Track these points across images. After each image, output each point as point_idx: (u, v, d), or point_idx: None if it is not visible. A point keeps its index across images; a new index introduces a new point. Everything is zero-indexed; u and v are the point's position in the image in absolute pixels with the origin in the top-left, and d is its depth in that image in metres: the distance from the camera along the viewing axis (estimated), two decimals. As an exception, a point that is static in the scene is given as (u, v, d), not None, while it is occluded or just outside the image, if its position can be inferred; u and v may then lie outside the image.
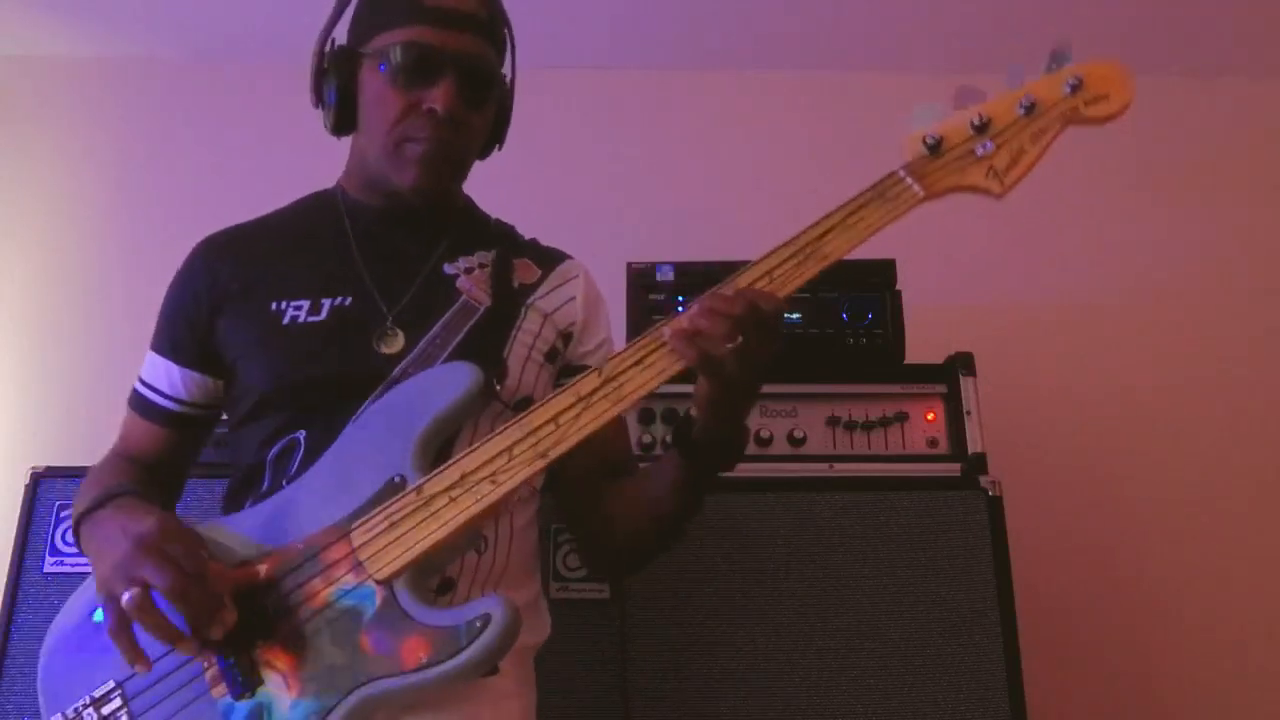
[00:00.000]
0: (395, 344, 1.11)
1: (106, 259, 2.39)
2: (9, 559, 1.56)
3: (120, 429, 1.28)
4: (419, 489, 0.98)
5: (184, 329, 1.22)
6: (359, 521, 0.98)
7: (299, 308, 1.15)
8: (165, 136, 2.50)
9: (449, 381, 1.03)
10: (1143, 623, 2.13)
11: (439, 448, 1.03)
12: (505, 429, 0.98)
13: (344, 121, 1.22)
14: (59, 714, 1.04)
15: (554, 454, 0.96)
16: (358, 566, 0.97)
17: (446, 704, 1.00)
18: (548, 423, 0.97)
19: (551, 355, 1.19)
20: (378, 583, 0.96)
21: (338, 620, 0.96)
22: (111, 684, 1.02)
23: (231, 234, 1.29)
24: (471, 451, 0.98)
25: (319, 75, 1.22)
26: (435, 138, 1.14)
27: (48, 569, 1.55)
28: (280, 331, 1.14)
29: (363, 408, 1.06)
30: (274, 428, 1.12)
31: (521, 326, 1.17)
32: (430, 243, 1.21)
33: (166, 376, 1.23)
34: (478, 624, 0.92)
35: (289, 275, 1.18)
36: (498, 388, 1.09)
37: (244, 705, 0.97)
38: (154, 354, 1.25)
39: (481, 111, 1.19)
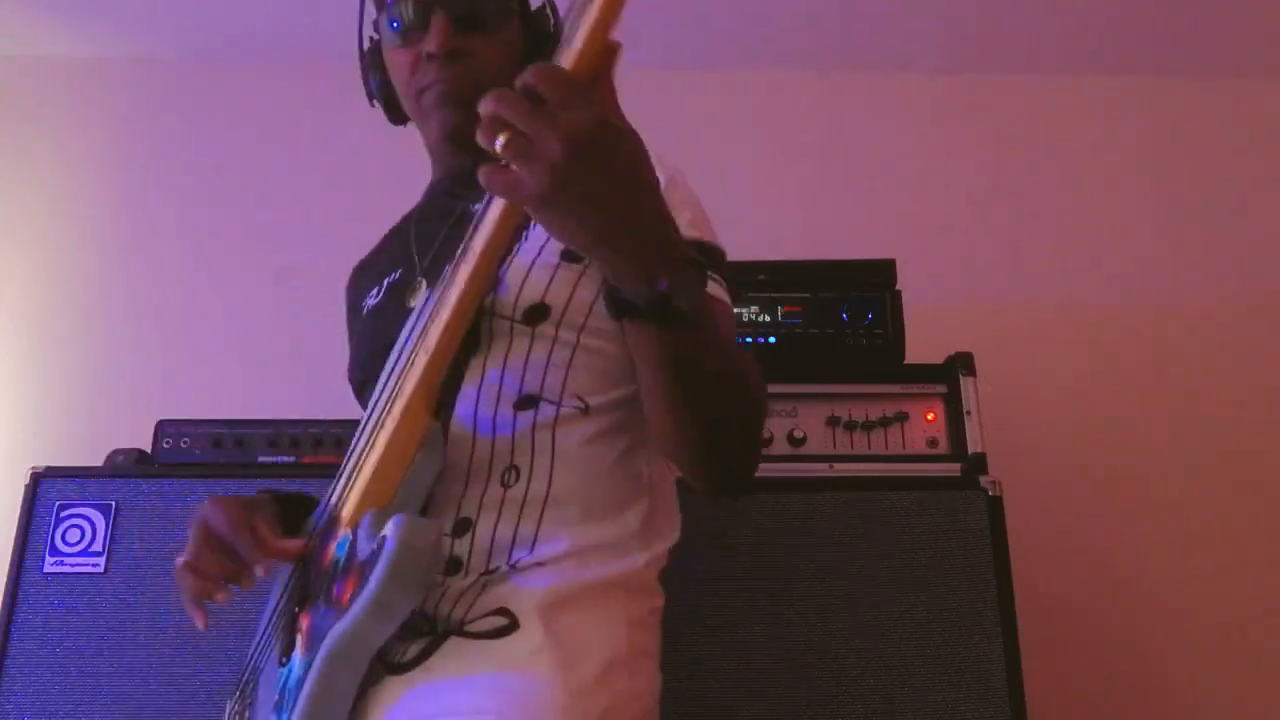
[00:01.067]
0: (419, 295, 1.11)
1: (106, 259, 2.39)
2: (9, 559, 1.56)
3: None
4: (369, 425, 0.96)
5: None
6: (346, 474, 0.99)
7: (372, 295, 1.19)
8: (165, 136, 2.50)
9: (424, 309, 1.00)
10: (1143, 622, 2.13)
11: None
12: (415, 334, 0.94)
13: (393, 107, 1.24)
14: (229, 700, 1.11)
15: (430, 340, 0.90)
16: (343, 518, 0.97)
17: (450, 674, 0.92)
18: (431, 317, 0.91)
19: (572, 254, 1.03)
20: (349, 528, 0.94)
21: (330, 574, 0.96)
22: (250, 670, 1.08)
23: (362, 258, 1.33)
24: (397, 372, 0.95)
25: (364, 74, 1.25)
26: (441, 78, 1.13)
27: (48, 569, 1.54)
28: (360, 322, 1.20)
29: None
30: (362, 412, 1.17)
31: (529, 235, 1.06)
32: (472, 191, 1.15)
33: None
34: (377, 548, 0.85)
35: (371, 271, 1.23)
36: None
37: (285, 670, 0.98)
38: None
39: (490, 34, 1.15)
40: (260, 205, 2.42)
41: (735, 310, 1.63)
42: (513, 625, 0.93)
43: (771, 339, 1.69)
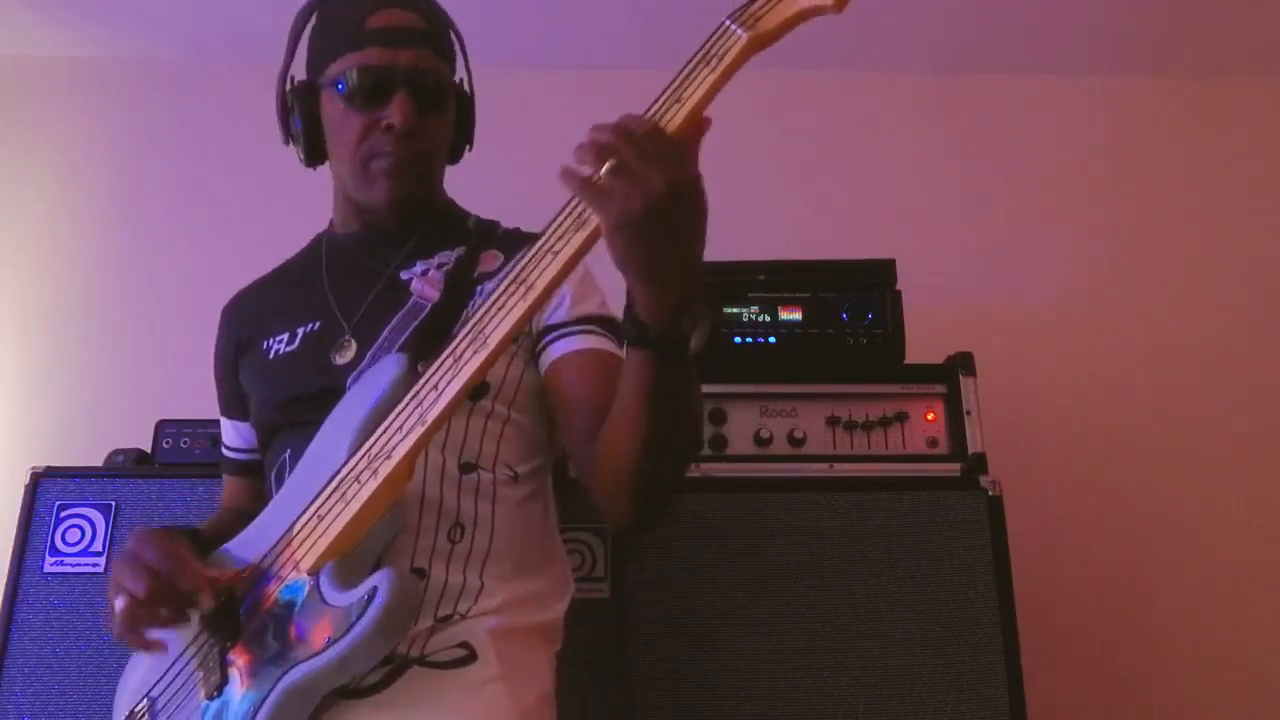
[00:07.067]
0: (348, 353, 1.16)
1: (106, 259, 2.39)
2: (9, 559, 1.56)
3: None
4: (338, 478, 1.00)
5: (224, 388, 1.35)
6: (301, 521, 1.02)
7: (280, 341, 1.23)
8: (165, 136, 2.50)
9: (380, 376, 1.06)
10: (1143, 622, 2.13)
11: None
12: (405, 401, 0.99)
13: (313, 151, 1.29)
14: None
15: (430, 414, 0.95)
16: (295, 563, 1.01)
17: (416, 699, 1.00)
18: (430, 391, 0.96)
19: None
20: (308, 574, 1.00)
21: (279, 614, 1.00)
22: (144, 701, 1.10)
23: (242, 292, 1.37)
24: (380, 433, 0.99)
25: (283, 112, 1.31)
26: (397, 150, 1.20)
27: (48, 569, 1.55)
28: (267, 366, 1.23)
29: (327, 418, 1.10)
30: (272, 453, 1.21)
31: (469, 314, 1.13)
32: (391, 253, 1.24)
33: (231, 432, 1.36)
34: (366, 598, 0.94)
35: (276, 315, 1.26)
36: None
37: (214, 704, 1.02)
38: (221, 417, 1.37)
39: (438, 117, 1.23)
40: (260, 205, 2.41)
41: (735, 310, 1.74)
42: (471, 656, 1.04)
43: (771, 339, 1.69)
